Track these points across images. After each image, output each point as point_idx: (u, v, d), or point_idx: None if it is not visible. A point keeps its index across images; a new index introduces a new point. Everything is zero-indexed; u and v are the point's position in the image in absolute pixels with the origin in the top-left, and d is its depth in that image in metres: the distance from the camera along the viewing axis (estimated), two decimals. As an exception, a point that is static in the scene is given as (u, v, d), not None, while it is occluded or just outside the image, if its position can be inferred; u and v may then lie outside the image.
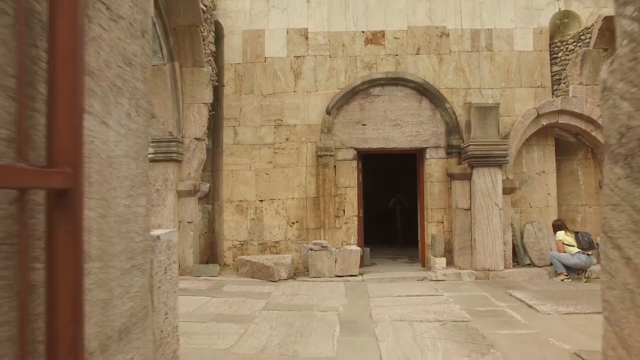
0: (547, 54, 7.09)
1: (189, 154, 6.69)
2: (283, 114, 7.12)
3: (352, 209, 7.10)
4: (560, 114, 6.68)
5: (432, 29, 7.15)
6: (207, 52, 6.76)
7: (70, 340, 0.75)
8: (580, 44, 6.74)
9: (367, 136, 7.07)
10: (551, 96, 7.03)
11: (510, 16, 7.11)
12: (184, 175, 6.70)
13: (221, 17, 7.20)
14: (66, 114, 0.73)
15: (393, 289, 5.89)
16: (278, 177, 7.07)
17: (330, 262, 6.50)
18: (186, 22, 6.44)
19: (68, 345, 0.75)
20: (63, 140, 0.73)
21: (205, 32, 6.75)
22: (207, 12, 6.81)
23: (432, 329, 4.15)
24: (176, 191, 6.56)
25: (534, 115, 6.64)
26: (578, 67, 6.65)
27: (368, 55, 7.14)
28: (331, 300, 5.36)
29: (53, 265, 0.73)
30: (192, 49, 6.56)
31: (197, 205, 6.94)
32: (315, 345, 3.74)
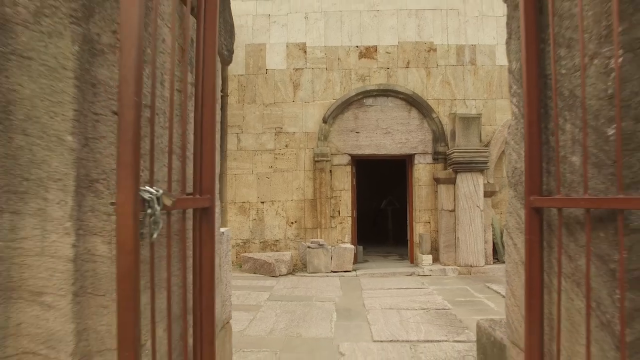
0: (525, 68, 7.85)
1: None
2: (283, 122, 7.82)
3: (347, 210, 7.83)
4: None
5: (420, 45, 7.90)
6: (213, 65, 7.43)
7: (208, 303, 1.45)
8: (555, 60, 7.52)
9: (361, 143, 7.80)
10: (529, 107, 7.79)
11: (492, 34, 7.87)
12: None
13: (225, 32, 7.87)
14: (207, 167, 1.43)
15: (384, 283, 6.62)
16: (278, 180, 7.77)
17: (327, 258, 7.22)
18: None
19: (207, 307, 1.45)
20: (206, 180, 1.43)
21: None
22: (212, 27, 7.47)
23: (416, 315, 4.88)
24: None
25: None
26: (552, 81, 7.42)
27: (362, 68, 7.87)
28: (328, 292, 6.07)
29: (201, 248, 1.43)
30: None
31: (203, 206, 7.60)
32: (315, 328, 4.45)
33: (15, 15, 1.14)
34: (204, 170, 1.42)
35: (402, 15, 7.92)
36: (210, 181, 1.43)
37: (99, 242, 1.20)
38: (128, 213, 0.88)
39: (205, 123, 1.43)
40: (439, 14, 7.92)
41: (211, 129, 1.44)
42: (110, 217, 1.21)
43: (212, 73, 1.46)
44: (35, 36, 1.15)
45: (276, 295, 5.87)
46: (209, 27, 1.44)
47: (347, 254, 7.26)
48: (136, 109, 0.89)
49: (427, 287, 6.37)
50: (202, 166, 1.42)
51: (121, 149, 0.89)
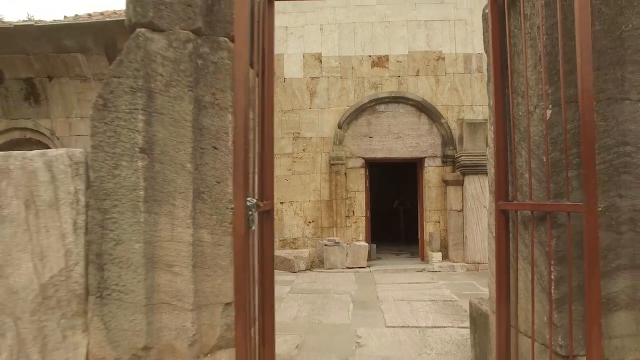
0: (530, 75, 8.42)
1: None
2: (300, 127, 8.50)
3: (361, 210, 8.48)
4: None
5: (430, 54, 8.51)
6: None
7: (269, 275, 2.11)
8: (558, 68, 8.07)
9: (374, 147, 8.44)
10: (534, 112, 8.36)
11: (498, 42, 8.44)
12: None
13: (246, 43, 8.57)
14: (268, 181, 2.09)
15: (396, 278, 7.26)
16: (296, 182, 8.45)
17: (342, 255, 7.89)
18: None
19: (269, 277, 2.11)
20: (267, 190, 2.09)
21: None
22: (234, 40, 8.19)
23: (425, 306, 5.51)
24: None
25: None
26: (556, 87, 7.98)
27: (374, 77, 8.51)
28: (344, 286, 6.73)
29: (264, 237, 2.09)
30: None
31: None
32: (334, 316, 5.11)
33: (155, 87, 1.81)
34: (266, 184, 2.08)
35: (412, 26, 8.54)
36: (270, 191, 2.09)
37: (205, 232, 1.87)
38: (241, 214, 1.54)
39: (267, 151, 2.09)
40: (447, 24, 8.52)
41: (271, 155, 2.11)
42: (212, 217, 1.88)
43: (271, 114, 2.13)
44: (166, 99, 1.83)
45: (297, 289, 6.54)
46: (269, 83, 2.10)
47: (361, 251, 7.91)
48: (245, 152, 1.56)
49: (436, 281, 6.99)
50: (264, 181, 2.09)
51: (235, 176, 1.56)
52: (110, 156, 1.76)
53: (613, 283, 1.76)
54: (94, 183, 1.78)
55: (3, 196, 1.75)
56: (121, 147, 1.76)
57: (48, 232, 1.76)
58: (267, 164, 2.09)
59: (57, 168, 1.77)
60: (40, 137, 8.75)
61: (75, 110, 8.67)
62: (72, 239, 1.76)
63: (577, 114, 1.74)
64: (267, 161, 2.09)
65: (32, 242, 1.75)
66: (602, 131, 1.80)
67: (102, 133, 1.78)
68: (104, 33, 7.95)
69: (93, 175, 1.79)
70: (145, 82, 1.77)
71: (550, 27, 1.86)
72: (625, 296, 1.74)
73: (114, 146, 1.76)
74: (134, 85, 1.76)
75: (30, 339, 1.75)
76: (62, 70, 8.50)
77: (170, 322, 1.81)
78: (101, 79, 8.49)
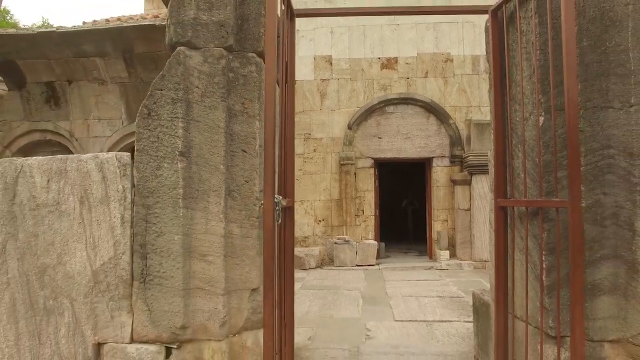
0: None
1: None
2: (311, 128, 8.76)
3: (370, 209, 8.72)
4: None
5: (438, 56, 8.73)
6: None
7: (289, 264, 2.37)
8: (565, 69, 8.25)
9: (383, 147, 8.67)
10: (541, 113, 8.54)
11: (506, 44, 8.63)
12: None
13: (258, 46, 8.86)
14: (289, 181, 2.35)
15: (404, 275, 7.50)
16: (307, 182, 8.71)
17: (352, 253, 8.14)
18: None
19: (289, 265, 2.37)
20: (289, 189, 2.35)
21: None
22: (247, 43, 8.47)
23: (433, 301, 5.75)
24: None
25: (525, 130, 8.18)
26: (563, 89, 8.16)
27: (383, 79, 8.74)
28: (354, 283, 6.98)
29: (285, 230, 2.34)
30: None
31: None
32: (345, 311, 5.36)
33: (192, 98, 2.07)
34: (288, 183, 2.35)
35: (420, 28, 8.76)
36: (291, 190, 2.35)
37: (235, 226, 2.14)
38: (269, 210, 1.80)
39: (288, 154, 2.35)
40: (455, 26, 8.73)
41: (292, 157, 2.37)
42: (241, 212, 2.14)
43: (292, 120, 2.39)
44: (202, 109, 2.09)
45: (308, 285, 6.80)
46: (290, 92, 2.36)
47: (370, 250, 8.16)
48: (273, 155, 1.82)
49: (443, 279, 7.22)
50: (286, 181, 2.35)
51: (266, 176, 1.82)
52: (153, 159, 2.03)
53: (598, 271, 1.99)
54: (139, 182, 2.05)
55: (61, 194, 2.02)
56: (163, 150, 2.03)
57: (99, 225, 2.03)
58: (289, 165, 2.35)
59: (108, 169, 2.04)
60: (60, 138, 9.10)
61: (93, 113, 9.01)
62: (120, 231, 2.03)
63: (565, 120, 1.98)
64: (288, 163, 2.35)
65: (86, 234, 2.02)
66: (588, 136, 2.04)
67: (146, 138, 2.05)
68: (121, 38, 8.27)
69: (138, 176, 2.06)
70: (184, 94, 2.04)
71: (543, 43, 2.09)
72: (608, 282, 1.98)
73: (157, 150, 2.03)
74: (174, 97, 2.03)
75: (84, 318, 2.02)
76: (81, 73, 8.84)
77: (203, 305, 2.07)
78: (118, 82, 8.84)
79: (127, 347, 2.01)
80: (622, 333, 1.94)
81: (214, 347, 2.05)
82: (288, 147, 2.36)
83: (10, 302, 2.02)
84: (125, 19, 9.10)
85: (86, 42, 8.42)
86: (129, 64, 8.69)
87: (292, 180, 2.37)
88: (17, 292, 2.02)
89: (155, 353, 1.99)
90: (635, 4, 1.96)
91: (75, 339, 2.01)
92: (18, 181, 2.06)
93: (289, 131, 2.37)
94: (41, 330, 2.02)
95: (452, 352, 3.46)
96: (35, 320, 2.02)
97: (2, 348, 2.00)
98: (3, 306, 2.01)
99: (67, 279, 2.02)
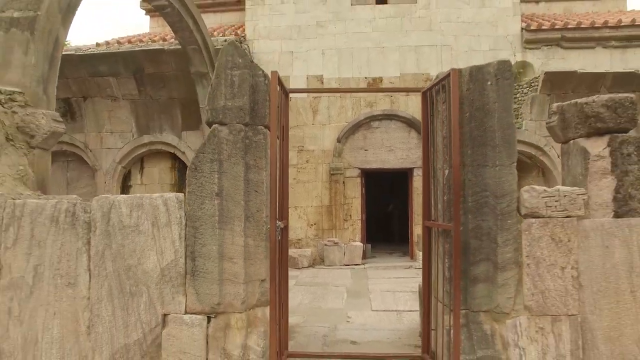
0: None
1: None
2: (304, 141, 10.09)
3: (357, 214, 10.07)
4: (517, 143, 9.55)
5: (419, 75, 10.06)
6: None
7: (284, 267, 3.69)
8: (531, 89, 9.60)
9: (369, 159, 10.02)
10: (511, 128, 9.90)
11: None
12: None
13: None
14: (285, 206, 3.66)
15: (385, 274, 8.86)
16: (300, 190, 10.04)
17: (340, 254, 9.48)
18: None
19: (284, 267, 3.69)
20: (284, 212, 3.66)
21: (245, 80, 9.71)
22: (246, 64, 9.77)
23: (406, 295, 7.09)
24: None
25: (495, 144, 9.53)
26: (529, 107, 9.51)
27: (369, 96, 10.08)
28: (341, 280, 8.32)
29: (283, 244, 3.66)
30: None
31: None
32: (331, 303, 6.70)
33: (222, 158, 3.38)
34: (284, 210, 3.67)
35: (403, 50, 10.09)
36: (286, 213, 3.67)
37: (250, 240, 3.45)
38: (273, 230, 3.12)
39: (284, 191, 3.67)
40: (434, 49, 10.06)
41: (287, 190, 3.69)
42: (254, 231, 3.46)
43: (287, 164, 3.71)
44: (229, 164, 3.40)
45: (301, 282, 8.14)
46: (285, 145, 3.67)
47: (357, 251, 9.51)
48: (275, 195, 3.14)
49: (419, 277, 8.57)
50: (283, 207, 3.67)
51: (271, 209, 3.14)
52: (199, 197, 3.33)
53: (477, 268, 3.32)
54: (189, 212, 3.34)
55: (139, 219, 3.31)
56: (205, 192, 3.32)
57: (164, 239, 3.32)
58: (285, 199, 3.67)
59: (169, 203, 3.33)
60: (75, 149, 10.38)
61: (106, 126, 10.30)
62: (177, 243, 3.32)
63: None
64: (284, 197, 3.67)
65: (156, 245, 3.32)
66: (474, 183, 3.37)
67: (194, 184, 3.34)
68: (133, 60, 9.57)
69: (188, 208, 3.35)
70: (217, 155, 3.33)
71: (448, 121, 3.42)
72: (483, 275, 3.31)
73: (201, 192, 3.33)
74: (212, 158, 3.32)
75: (155, 298, 3.31)
76: (95, 91, 10.14)
77: (230, 290, 3.37)
78: (129, 99, 10.13)
79: (183, 316, 3.31)
80: (489, 306, 3.28)
81: (237, 317, 3.36)
82: (284, 184, 3.68)
83: (108, 288, 3.32)
84: (134, 40, 10.36)
85: (101, 64, 9.71)
86: (139, 82, 9.99)
87: (287, 209, 3.70)
88: (112, 282, 3.32)
89: (201, 319, 3.30)
90: (498, 102, 3.30)
91: (150, 311, 3.31)
92: (111, 210, 3.36)
93: (284, 176, 3.69)
94: (128, 306, 3.32)
95: (404, 329, 4.80)
96: (124, 299, 3.32)
97: (104, 316, 3.30)
98: (104, 290, 3.32)
99: (144, 273, 3.32)
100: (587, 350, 3.17)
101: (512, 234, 3.27)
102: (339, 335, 4.65)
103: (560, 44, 9.93)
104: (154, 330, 3.34)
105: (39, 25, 4.94)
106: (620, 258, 3.17)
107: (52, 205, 3.43)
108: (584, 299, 3.20)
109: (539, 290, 3.22)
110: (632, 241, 3.18)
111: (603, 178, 3.55)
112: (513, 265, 3.27)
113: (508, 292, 3.27)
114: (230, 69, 3.44)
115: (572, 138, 3.75)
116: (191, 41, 8.67)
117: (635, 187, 3.63)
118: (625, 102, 3.67)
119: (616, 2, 11.22)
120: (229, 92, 3.42)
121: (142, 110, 10.10)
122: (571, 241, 3.20)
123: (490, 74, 3.37)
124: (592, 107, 3.64)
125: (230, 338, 3.34)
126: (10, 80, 4.77)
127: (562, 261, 3.20)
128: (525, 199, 3.30)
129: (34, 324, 3.38)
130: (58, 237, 3.40)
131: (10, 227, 3.43)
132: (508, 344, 3.21)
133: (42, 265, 3.39)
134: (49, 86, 5.20)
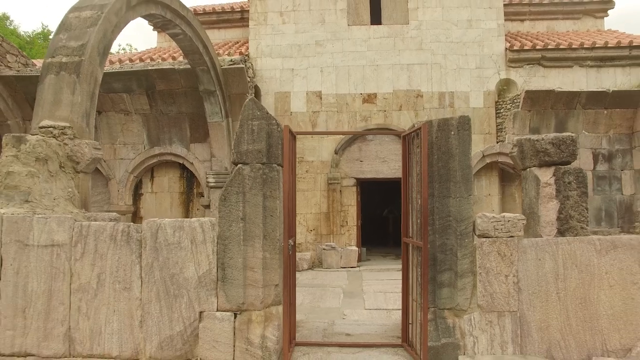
0: (493, 110, 11.10)
1: (239, 183, 10.83)
2: (304, 153, 11.19)
3: (353, 221, 11.20)
4: (499, 155, 10.70)
5: (410, 92, 11.18)
6: (251, 112, 10.85)
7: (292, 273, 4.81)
8: (514, 105, 10.74)
9: (364, 169, 11.14)
10: (496, 141, 11.06)
11: (467, 82, 11.10)
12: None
13: (259, 82, 11.27)
14: (292, 225, 4.77)
15: (379, 276, 10.00)
16: (300, 198, 11.15)
17: (337, 258, 10.62)
18: (238, 91, 10.50)
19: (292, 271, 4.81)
20: (292, 230, 4.77)
21: (249, 95, 10.80)
22: (250, 81, 10.86)
23: (395, 295, 8.23)
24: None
25: (480, 155, 10.67)
26: (511, 122, 10.65)
27: (364, 111, 11.18)
28: (338, 282, 9.46)
29: (292, 257, 4.77)
30: (241, 109, 10.64)
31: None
32: (329, 302, 7.84)
33: (245, 190, 4.48)
34: (292, 226, 4.79)
35: (396, 68, 11.20)
36: (294, 230, 4.79)
37: (267, 254, 4.57)
38: (285, 247, 4.24)
39: (292, 215, 4.78)
40: (425, 67, 11.18)
41: (294, 209, 4.80)
42: (269, 246, 4.57)
43: (294, 192, 4.82)
44: (250, 195, 4.51)
45: (301, 284, 9.27)
46: (293, 176, 4.79)
47: (352, 254, 10.65)
48: (286, 218, 4.25)
49: (409, 278, 9.72)
50: (291, 227, 4.79)
51: (284, 230, 4.26)
52: (227, 221, 4.43)
53: (443, 276, 4.45)
54: (219, 233, 4.45)
55: (181, 238, 4.43)
56: (232, 217, 4.43)
57: (200, 254, 4.43)
58: (293, 218, 4.79)
59: (204, 226, 4.44)
60: (90, 160, 11.38)
61: (119, 138, 11.38)
62: (211, 257, 4.43)
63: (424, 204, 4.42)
64: (293, 219, 4.78)
65: (194, 258, 4.43)
66: (441, 210, 4.49)
67: (223, 211, 4.45)
68: (145, 78, 10.64)
69: (219, 229, 4.46)
70: (241, 189, 4.43)
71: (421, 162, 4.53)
72: (447, 281, 4.43)
73: (229, 217, 4.43)
74: (237, 190, 4.43)
75: (193, 299, 4.43)
76: (109, 105, 11.21)
77: (252, 293, 4.48)
78: (141, 113, 11.20)
79: (215, 313, 4.43)
80: (452, 305, 4.42)
81: (257, 313, 4.48)
82: (293, 208, 4.80)
83: (156, 291, 4.44)
84: (145, 58, 11.44)
85: (115, 81, 10.78)
86: (150, 98, 11.07)
87: (294, 227, 4.82)
88: (159, 287, 4.44)
89: (229, 315, 4.42)
90: (459, 148, 4.42)
91: (189, 309, 4.44)
92: (158, 231, 4.46)
93: (293, 198, 4.81)
94: (172, 305, 4.43)
95: (390, 324, 5.94)
96: (169, 300, 4.43)
97: (153, 313, 4.43)
98: (153, 293, 4.44)
99: (185, 280, 4.43)
100: (524, 337, 4.32)
101: (468, 249, 4.40)
102: (336, 329, 5.78)
103: (541, 62, 11.06)
104: (192, 324, 4.47)
105: (83, 69, 6.06)
106: (549, 268, 4.31)
107: (111, 227, 4.55)
108: (522, 299, 4.34)
109: (488, 293, 4.36)
110: (558, 255, 4.32)
111: (550, 201, 4.69)
112: (469, 273, 4.40)
113: (465, 294, 4.40)
114: (251, 120, 4.55)
115: (528, 166, 4.87)
116: (200, 62, 9.77)
117: (574, 209, 4.79)
118: (567, 140, 4.82)
119: (594, 22, 12.37)
120: (250, 138, 4.53)
121: (153, 124, 11.18)
122: (513, 255, 4.33)
123: (453, 126, 4.48)
124: (541, 144, 4.78)
125: (252, 330, 4.46)
126: (61, 116, 5.88)
127: (506, 270, 4.34)
128: (479, 223, 4.43)
129: (98, 319, 4.50)
130: (116, 251, 4.52)
131: (78, 243, 4.55)
132: (465, 334, 4.35)
133: (103, 273, 4.51)
134: (90, 119, 6.32)
